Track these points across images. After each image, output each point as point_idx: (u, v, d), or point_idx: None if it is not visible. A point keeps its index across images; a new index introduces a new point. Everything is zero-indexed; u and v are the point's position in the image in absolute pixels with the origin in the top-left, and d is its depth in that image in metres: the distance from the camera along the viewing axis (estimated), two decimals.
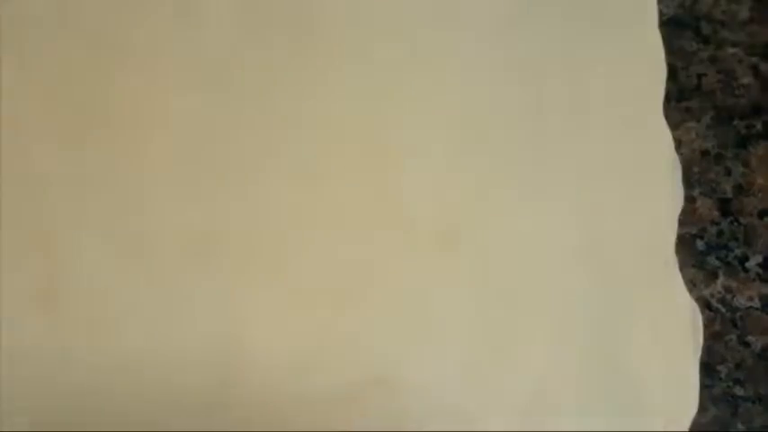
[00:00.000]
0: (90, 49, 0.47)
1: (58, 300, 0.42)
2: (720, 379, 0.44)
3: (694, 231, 0.48)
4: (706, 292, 0.47)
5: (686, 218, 0.48)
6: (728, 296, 0.46)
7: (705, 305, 0.46)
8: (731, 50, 0.53)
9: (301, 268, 0.44)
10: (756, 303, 0.46)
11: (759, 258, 0.48)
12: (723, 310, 0.46)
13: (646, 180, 0.47)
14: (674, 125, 0.49)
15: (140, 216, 0.44)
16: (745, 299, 0.46)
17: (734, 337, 0.46)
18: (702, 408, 0.43)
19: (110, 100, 0.46)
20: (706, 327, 0.45)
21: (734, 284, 0.47)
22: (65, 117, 0.46)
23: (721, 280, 0.47)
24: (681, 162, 0.48)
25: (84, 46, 0.48)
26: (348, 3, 0.49)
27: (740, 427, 0.44)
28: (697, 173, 0.49)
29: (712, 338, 0.45)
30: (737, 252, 0.48)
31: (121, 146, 0.46)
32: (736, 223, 0.48)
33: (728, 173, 0.49)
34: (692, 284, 0.46)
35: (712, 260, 0.47)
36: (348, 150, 0.46)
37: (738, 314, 0.46)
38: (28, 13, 0.47)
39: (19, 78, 0.46)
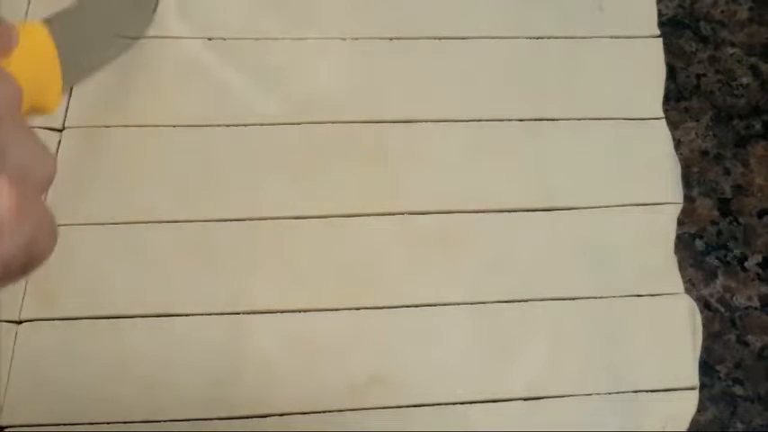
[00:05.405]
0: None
1: (58, 300, 0.42)
2: (719, 378, 0.44)
3: (694, 231, 0.48)
4: (705, 292, 0.47)
5: (686, 218, 0.48)
6: (728, 296, 0.46)
7: (704, 305, 0.46)
8: (730, 51, 0.53)
9: (302, 268, 0.44)
10: (755, 303, 0.46)
11: (758, 258, 0.47)
12: (722, 309, 0.46)
13: (646, 180, 0.47)
14: (673, 125, 0.50)
15: (141, 216, 0.44)
16: (744, 298, 0.46)
17: (733, 336, 0.45)
18: (702, 407, 0.43)
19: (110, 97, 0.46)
20: (705, 326, 0.45)
21: (733, 284, 0.47)
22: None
23: (720, 280, 0.47)
24: (680, 162, 0.48)
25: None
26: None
27: (739, 426, 0.44)
28: (696, 173, 0.49)
29: (711, 338, 0.45)
30: (736, 252, 0.48)
31: (122, 145, 0.46)
32: (735, 223, 0.48)
33: (728, 173, 0.49)
34: (691, 284, 0.46)
35: (711, 260, 0.47)
36: (349, 150, 0.47)
37: (737, 314, 0.46)
38: None
39: None
